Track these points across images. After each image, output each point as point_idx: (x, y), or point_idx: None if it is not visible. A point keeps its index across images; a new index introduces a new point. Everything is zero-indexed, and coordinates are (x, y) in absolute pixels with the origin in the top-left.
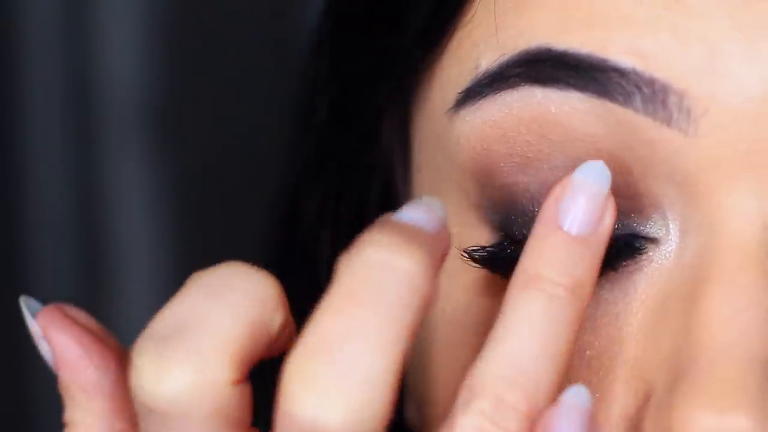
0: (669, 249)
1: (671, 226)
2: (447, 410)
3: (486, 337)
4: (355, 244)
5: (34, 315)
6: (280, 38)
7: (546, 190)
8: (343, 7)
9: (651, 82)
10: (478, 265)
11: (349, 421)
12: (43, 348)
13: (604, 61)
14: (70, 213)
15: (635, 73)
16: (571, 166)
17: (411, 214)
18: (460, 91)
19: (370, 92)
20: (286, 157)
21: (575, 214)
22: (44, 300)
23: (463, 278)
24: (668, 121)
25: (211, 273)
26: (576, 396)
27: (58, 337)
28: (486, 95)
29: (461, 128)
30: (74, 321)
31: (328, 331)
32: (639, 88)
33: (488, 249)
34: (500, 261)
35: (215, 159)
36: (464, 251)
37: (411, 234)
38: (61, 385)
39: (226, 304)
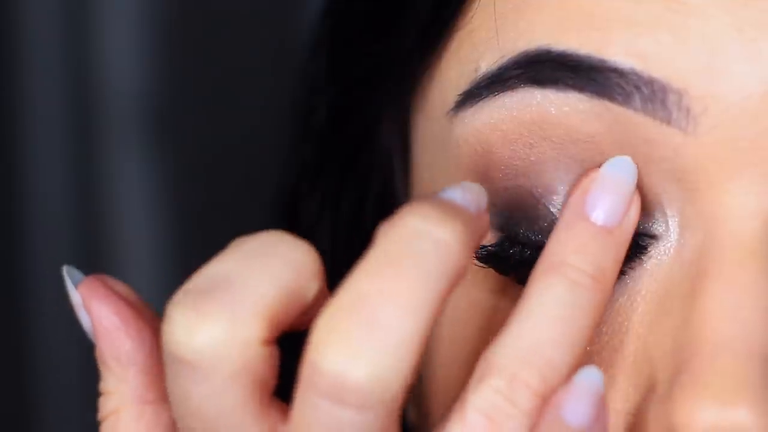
0: (669, 245)
1: (671, 222)
2: (444, 406)
3: (489, 335)
4: (397, 213)
5: (76, 285)
6: (280, 39)
7: (550, 193)
8: (342, 8)
9: (650, 82)
10: (479, 263)
11: (374, 378)
12: (83, 318)
13: (603, 61)
14: (70, 213)
15: (634, 73)
16: (573, 168)
17: (451, 193)
18: (459, 93)
19: (370, 94)
20: (285, 157)
21: (602, 206)
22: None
23: (469, 277)
24: (668, 120)
25: (252, 238)
26: (588, 377)
27: (97, 308)
28: (485, 97)
29: (461, 130)
30: (114, 292)
31: (364, 291)
32: (638, 87)
33: (488, 248)
34: (502, 261)
35: (215, 159)
36: None
37: (450, 209)
38: (98, 354)
39: (263, 266)
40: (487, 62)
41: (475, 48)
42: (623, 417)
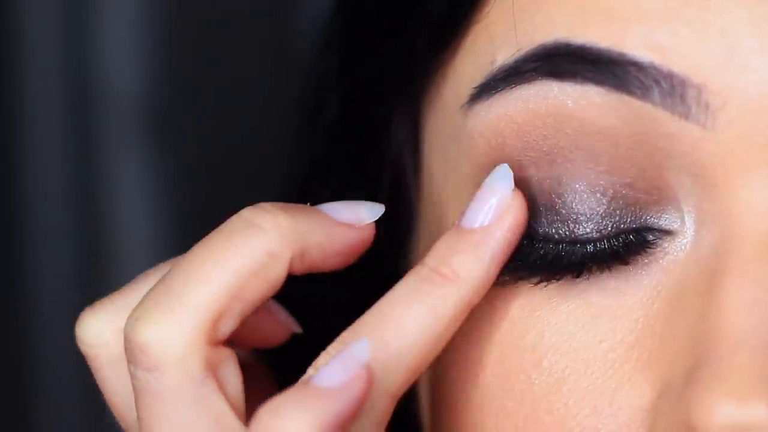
0: (684, 241)
1: (687, 218)
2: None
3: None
4: None
5: None
6: (280, 38)
7: (560, 183)
8: (353, 7)
9: (669, 76)
10: None
11: (153, 337)
12: None
13: (622, 55)
14: (70, 213)
15: (653, 67)
16: (583, 161)
17: (327, 205)
18: (474, 86)
19: (380, 92)
20: (290, 155)
21: (472, 212)
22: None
23: None
24: (686, 115)
25: None
26: (353, 345)
27: None
28: (501, 90)
29: (475, 123)
30: None
31: (176, 265)
32: (657, 82)
33: None
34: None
35: (215, 159)
36: None
37: (291, 209)
38: None
39: (156, 276)
40: (504, 55)
41: (491, 41)
42: (638, 413)
